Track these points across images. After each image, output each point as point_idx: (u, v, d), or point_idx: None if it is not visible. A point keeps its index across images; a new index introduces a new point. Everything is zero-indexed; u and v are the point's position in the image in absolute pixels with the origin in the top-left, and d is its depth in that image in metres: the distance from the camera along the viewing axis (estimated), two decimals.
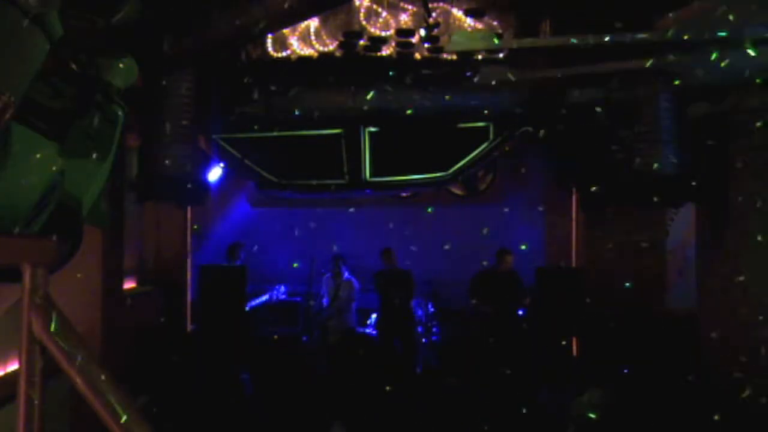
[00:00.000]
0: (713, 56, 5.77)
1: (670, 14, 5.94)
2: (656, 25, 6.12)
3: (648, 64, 6.16)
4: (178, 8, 6.12)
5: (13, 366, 5.39)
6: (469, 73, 7.49)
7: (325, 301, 9.90)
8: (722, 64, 5.86)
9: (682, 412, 6.56)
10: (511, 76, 7.06)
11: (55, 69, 2.15)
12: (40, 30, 1.97)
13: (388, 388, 7.59)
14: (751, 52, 5.57)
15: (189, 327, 9.82)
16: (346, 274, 9.86)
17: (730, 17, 5.40)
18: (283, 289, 10.40)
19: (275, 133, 8.32)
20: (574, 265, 9.76)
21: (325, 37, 8.37)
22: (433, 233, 11.08)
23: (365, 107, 7.71)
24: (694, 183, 6.85)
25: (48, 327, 1.78)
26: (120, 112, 2.49)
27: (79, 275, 5.95)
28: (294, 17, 6.97)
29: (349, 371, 8.58)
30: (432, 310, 10.30)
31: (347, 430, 6.38)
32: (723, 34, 5.49)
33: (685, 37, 5.75)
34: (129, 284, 8.66)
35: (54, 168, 2.16)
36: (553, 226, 10.83)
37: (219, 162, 8.64)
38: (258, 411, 7.54)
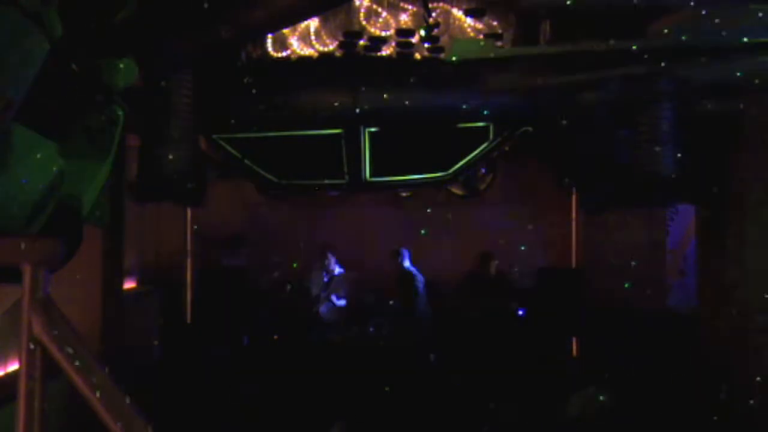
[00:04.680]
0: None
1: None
2: (651, 28, 6.13)
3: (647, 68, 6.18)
4: (178, 8, 6.12)
5: (13, 366, 5.40)
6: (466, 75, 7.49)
7: (318, 293, 9.89)
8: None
9: (682, 411, 6.57)
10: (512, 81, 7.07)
11: (55, 69, 2.15)
12: (40, 30, 1.97)
13: (387, 388, 7.59)
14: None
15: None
16: (338, 268, 9.87)
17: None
18: None
19: (275, 133, 8.31)
20: (574, 265, 9.76)
21: (325, 37, 8.36)
22: (433, 233, 11.09)
23: (365, 107, 7.70)
24: (694, 183, 6.84)
25: (48, 327, 1.78)
26: (120, 112, 2.49)
27: (79, 275, 5.95)
28: (294, 17, 6.97)
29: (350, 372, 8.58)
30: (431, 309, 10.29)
31: (348, 430, 6.39)
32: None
33: (684, 38, 5.76)
34: (129, 284, 8.66)
35: (54, 168, 2.16)
36: (553, 226, 10.84)
37: (219, 162, 8.64)
38: (259, 410, 7.54)
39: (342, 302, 9.95)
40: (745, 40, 5.66)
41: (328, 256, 9.83)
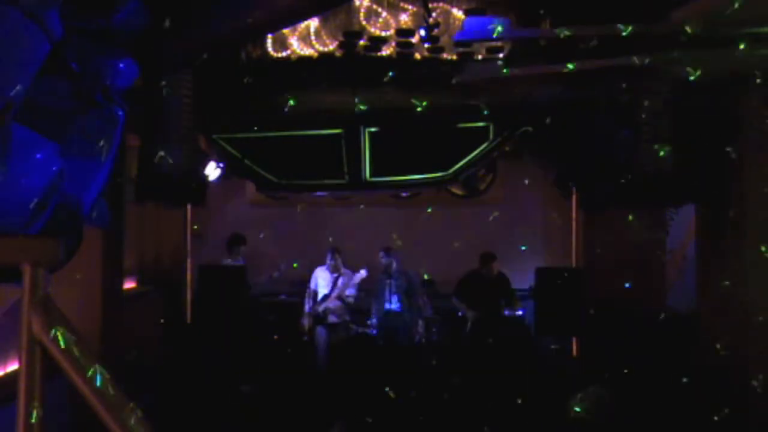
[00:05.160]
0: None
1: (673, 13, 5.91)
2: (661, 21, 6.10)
3: (647, 61, 6.16)
4: (178, 8, 6.11)
5: (13, 366, 5.40)
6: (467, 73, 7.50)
7: (326, 293, 9.86)
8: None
9: (682, 412, 6.57)
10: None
11: (55, 69, 2.15)
12: (40, 30, 1.97)
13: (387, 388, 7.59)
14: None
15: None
16: (344, 269, 9.88)
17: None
18: None
19: (275, 133, 8.32)
20: (574, 265, 9.76)
21: (325, 37, 8.36)
22: (433, 233, 11.08)
23: (365, 107, 7.71)
24: (694, 183, 6.84)
25: (48, 327, 1.78)
26: (120, 112, 2.49)
27: (79, 275, 5.95)
28: (294, 17, 6.96)
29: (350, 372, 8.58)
30: (431, 310, 10.30)
31: (348, 430, 6.39)
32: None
33: (688, 30, 5.73)
34: (129, 284, 8.66)
35: (54, 168, 2.15)
36: (553, 226, 10.83)
37: (219, 162, 8.64)
38: (259, 410, 7.54)
39: (351, 299, 9.96)
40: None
41: (336, 257, 9.83)
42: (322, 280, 9.89)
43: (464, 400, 7.86)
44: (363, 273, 9.86)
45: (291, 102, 7.44)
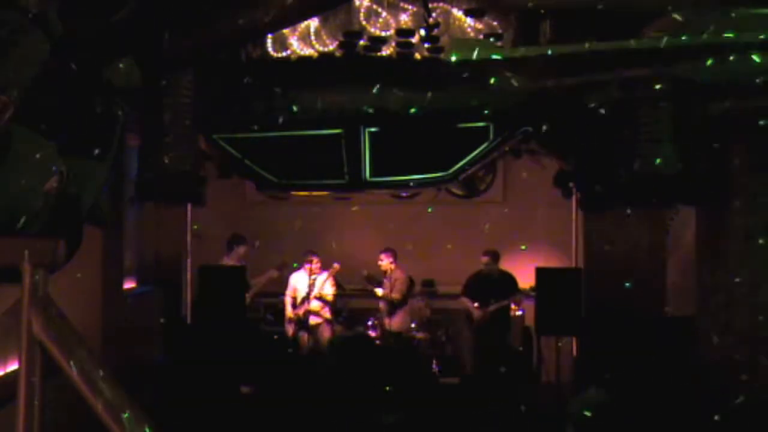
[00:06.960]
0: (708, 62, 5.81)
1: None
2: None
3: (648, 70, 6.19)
4: (178, 8, 6.11)
5: (13, 366, 5.40)
6: (466, 74, 7.49)
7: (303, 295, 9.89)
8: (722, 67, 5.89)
9: (681, 413, 6.57)
10: (514, 82, 7.07)
11: (55, 69, 2.15)
12: (40, 30, 1.97)
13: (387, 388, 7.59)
14: (756, 59, 5.60)
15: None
16: (322, 271, 9.91)
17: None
18: None
19: (275, 133, 8.31)
20: (574, 265, 9.76)
21: (325, 37, 8.35)
22: (433, 233, 11.08)
23: (365, 107, 7.71)
24: (694, 183, 6.84)
25: (48, 327, 1.77)
26: (120, 112, 2.49)
27: (79, 275, 5.95)
28: (294, 17, 6.97)
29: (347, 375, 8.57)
30: (429, 311, 10.31)
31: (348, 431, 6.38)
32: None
33: (684, 38, 5.76)
34: (129, 284, 8.66)
35: (54, 168, 2.16)
36: (553, 226, 10.83)
37: (218, 162, 8.64)
38: (257, 411, 7.54)
39: (330, 296, 10.01)
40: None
41: (313, 261, 9.85)
42: (299, 284, 9.95)
43: (464, 401, 7.86)
44: (334, 265, 9.93)
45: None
